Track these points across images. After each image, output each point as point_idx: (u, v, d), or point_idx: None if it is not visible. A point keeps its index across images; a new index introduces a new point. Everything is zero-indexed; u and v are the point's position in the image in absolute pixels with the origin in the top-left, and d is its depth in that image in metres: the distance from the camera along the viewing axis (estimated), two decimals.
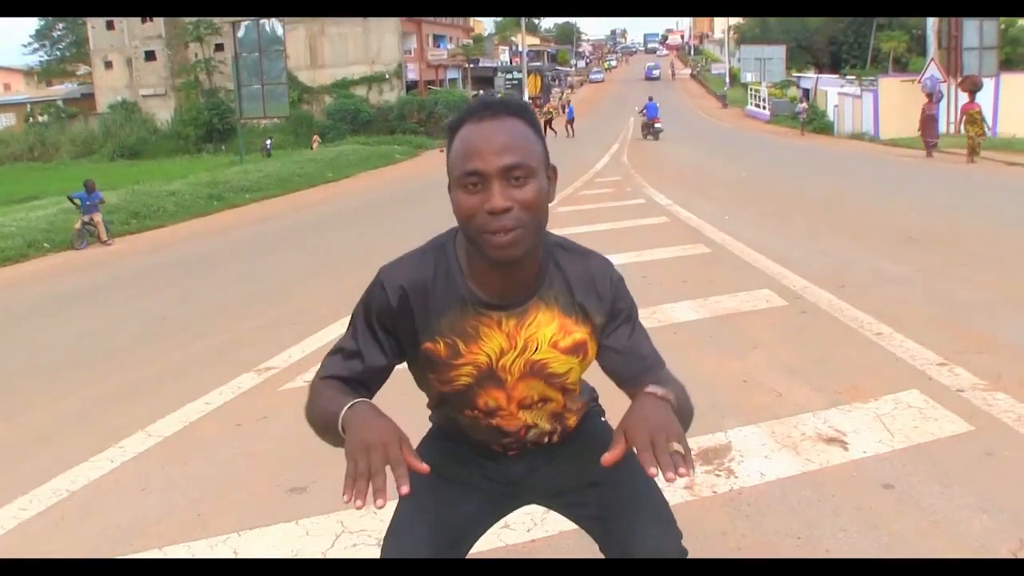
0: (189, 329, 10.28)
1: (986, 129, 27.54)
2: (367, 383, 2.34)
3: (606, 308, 2.34)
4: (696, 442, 5.24)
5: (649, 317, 8.45)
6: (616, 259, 10.22)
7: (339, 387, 2.26)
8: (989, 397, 5.69)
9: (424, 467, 1.94)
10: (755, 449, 5.14)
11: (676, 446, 1.92)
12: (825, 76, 66.33)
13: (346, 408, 2.07)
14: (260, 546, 4.37)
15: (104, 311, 12.33)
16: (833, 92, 53.10)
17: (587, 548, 2.74)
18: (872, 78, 52.40)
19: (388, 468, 1.91)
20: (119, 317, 11.70)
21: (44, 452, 6.27)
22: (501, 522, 2.84)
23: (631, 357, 2.37)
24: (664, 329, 8.10)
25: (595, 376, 2.54)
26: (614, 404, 2.54)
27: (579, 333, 2.33)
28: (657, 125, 46.71)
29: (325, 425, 2.16)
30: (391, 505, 2.32)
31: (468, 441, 2.52)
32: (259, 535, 4.50)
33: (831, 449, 5.06)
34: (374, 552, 2.97)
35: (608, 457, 1.96)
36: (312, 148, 54.70)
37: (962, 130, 28.46)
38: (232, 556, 4.28)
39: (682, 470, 1.89)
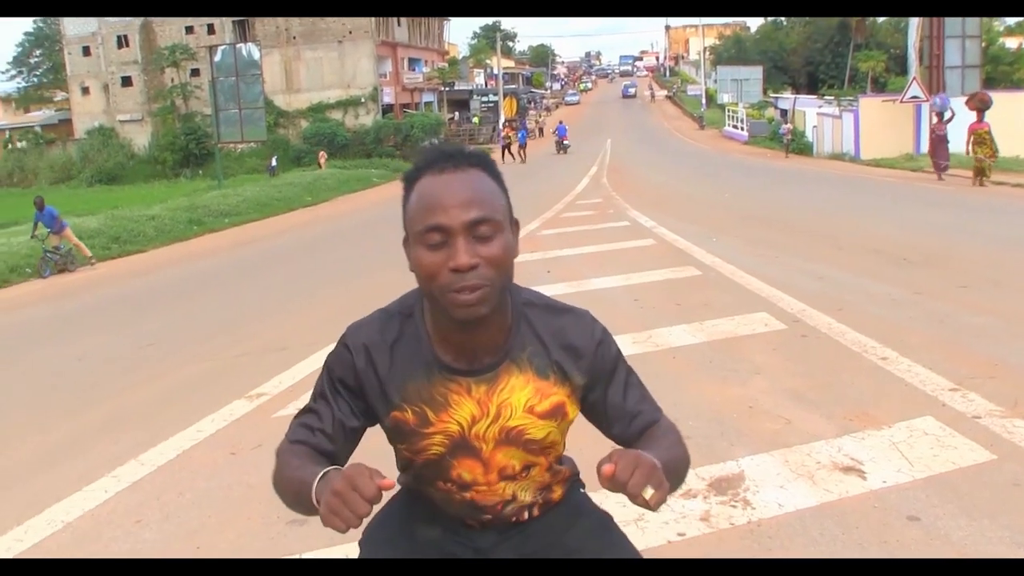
0: (176, 355, 10.14)
1: (996, 150, 26.83)
2: (336, 448, 2.18)
3: (586, 367, 2.19)
4: (708, 471, 5.15)
5: (645, 341, 8.36)
6: (605, 282, 10.09)
7: (306, 454, 2.12)
8: (1008, 424, 5.56)
9: (390, 481, 1.81)
10: (770, 479, 5.01)
11: (651, 490, 1.81)
12: (803, 96, 66.67)
13: (317, 480, 1.92)
14: None
15: (90, 337, 12.16)
16: (812, 112, 53.28)
17: None
18: (851, 98, 52.62)
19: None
20: (106, 343, 11.54)
21: (37, 481, 6.15)
22: None
23: (620, 418, 2.24)
24: (662, 354, 8.00)
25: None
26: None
27: (557, 396, 2.18)
28: (566, 142, 58.44)
29: (296, 495, 2.01)
30: None
31: (438, 514, 2.34)
32: None
33: (848, 479, 4.92)
34: None
35: (607, 468, 1.82)
36: (320, 166, 55.07)
37: (970, 151, 27.30)
38: None
39: (650, 491, 1.81)
